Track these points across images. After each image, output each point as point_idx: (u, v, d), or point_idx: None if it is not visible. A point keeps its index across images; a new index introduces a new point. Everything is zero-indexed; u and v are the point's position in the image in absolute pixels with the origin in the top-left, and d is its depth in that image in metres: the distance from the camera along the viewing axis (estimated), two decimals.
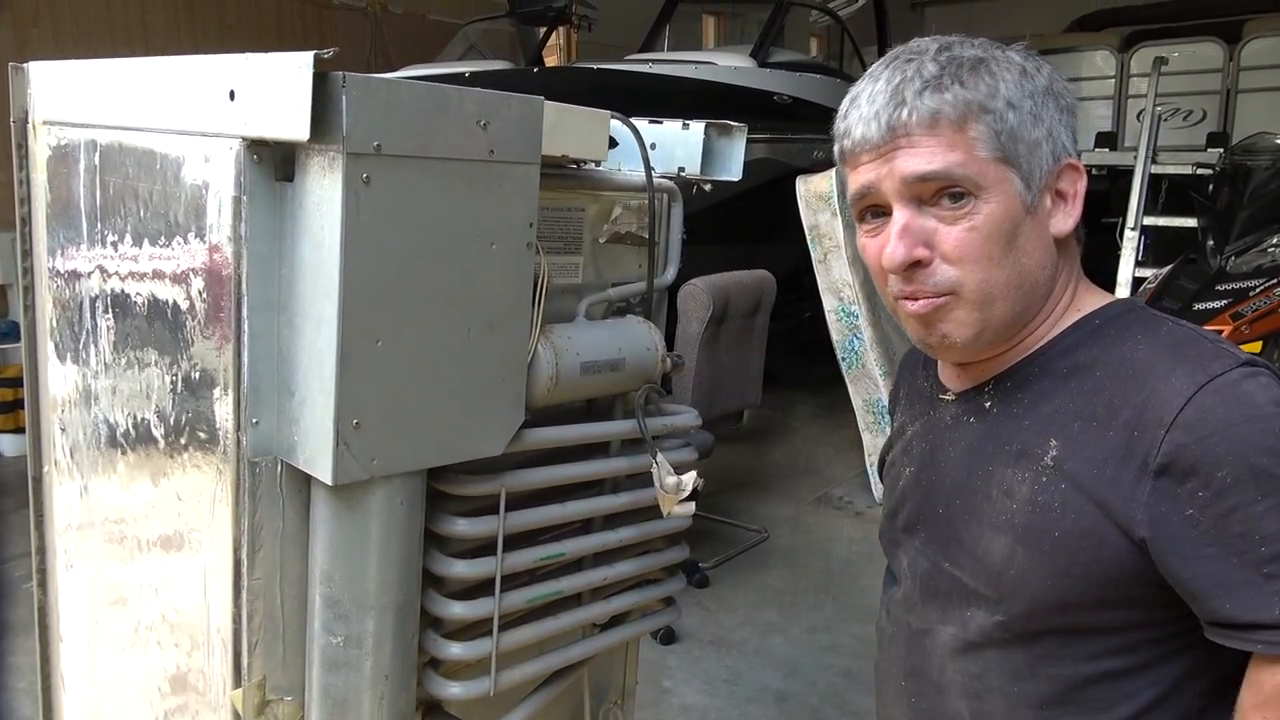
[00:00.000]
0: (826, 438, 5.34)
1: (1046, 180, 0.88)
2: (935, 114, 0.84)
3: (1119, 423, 0.83)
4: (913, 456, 1.04)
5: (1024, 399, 0.92)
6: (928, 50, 0.87)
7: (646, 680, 2.74)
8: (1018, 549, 0.88)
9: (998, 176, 0.85)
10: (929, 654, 0.98)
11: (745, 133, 1.18)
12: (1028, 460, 0.89)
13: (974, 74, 0.85)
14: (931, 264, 0.87)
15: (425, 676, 1.02)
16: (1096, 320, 0.91)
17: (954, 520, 0.95)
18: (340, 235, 0.79)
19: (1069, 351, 0.91)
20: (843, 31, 6.79)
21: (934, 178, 0.85)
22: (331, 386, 0.82)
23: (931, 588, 0.98)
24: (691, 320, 3.39)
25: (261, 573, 0.90)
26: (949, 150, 0.84)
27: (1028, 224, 0.87)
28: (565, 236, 1.10)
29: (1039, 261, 0.89)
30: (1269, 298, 3.77)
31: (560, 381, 1.01)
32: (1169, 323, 0.89)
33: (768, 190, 4.43)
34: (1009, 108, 0.85)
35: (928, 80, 0.85)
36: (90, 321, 1.09)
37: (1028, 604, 0.88)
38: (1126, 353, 0.87)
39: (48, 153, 1.14)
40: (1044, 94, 0.87)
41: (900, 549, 1.05)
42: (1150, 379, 0.83)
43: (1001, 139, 0.85)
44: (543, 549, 1.07)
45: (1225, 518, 0.78)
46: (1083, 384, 0.88)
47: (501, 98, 0.87)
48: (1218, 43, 6.35)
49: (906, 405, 1.11)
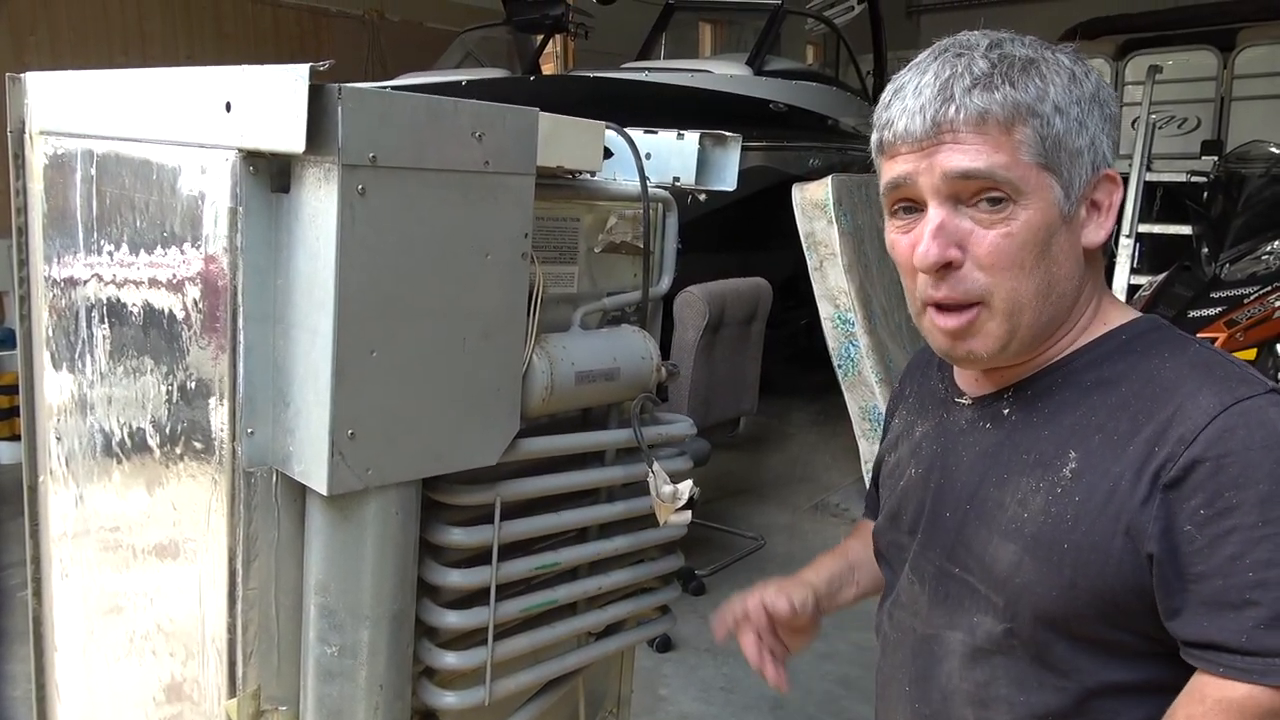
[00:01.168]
0: (823, 445, 5.34)
1: (1084, 190, 0.86)
2: (984, 113, 0.82)
3: (1141, 438, 0.82)
4: (921, 458, 1.03)
5: (1045, 409, 0.91)
6: (978, 45, 0.85)
7: (642, 688, 2.74)
8: (1025, 558, 0.87)
9: (1039, 183, 0.84)
10: (936, 660, 0.96)
11: (740, 142, 1.19)
12: (1044, 470, 0.88)
13: (1025, 74, 0.83)
14: (963, 267, 0.86)
15: (420, 686, 1.02)
16: (1124, 335, 0.90)
17: (964, 525, 0.94)
18: (335, 246, 0.80)
19: (1094, 365, 0.90)
20: (838, 40, 6.81)
21: (977, 176, 0.83)
22: (327, 397, 0.82)
23: (941, 593, 0.96)
24: (688, 328, 3.40)
25: (256, 582, 0.90)
26: (994, 151, 0.83)
27: (1062, 234, 0.86)
28: (560, 246, 1.10)
29: (1068, 272, 0.87)
30: (1263, 305, 3.79)
31: (555, 391, 1.01)
32: (1196, 344, 0.89)
33: (764, 198, 4.44)
34: (1056, 113, 0.84)
35: (978, 77, 0.83)
36: (86, 330, 1.09)
37: (1033, 613, 0.87)
38: (1153, 370, 0.86)
39: (44, 162, 1.14)
40: (1090, 101, 0.86)
41: (903, 551, 1.03)
42: (1176, 396, 0.82)
43: (1046, 145, 0.83)
44: (538, 558, 1.07)
45: (1221, 538, 0.78)
46: (1106, 398, 0.87)
47: (497, 109, 0.88)
48: (1212, 51, 6.37)
49: (916, 405, 1.09)
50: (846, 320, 4.19)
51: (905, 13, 11.72)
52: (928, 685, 0.97)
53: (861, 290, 4.03)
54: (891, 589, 1.07)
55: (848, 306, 4.16)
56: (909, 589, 1.02)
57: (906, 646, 1.01)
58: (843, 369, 4.26)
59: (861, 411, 4.28)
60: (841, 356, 4.24)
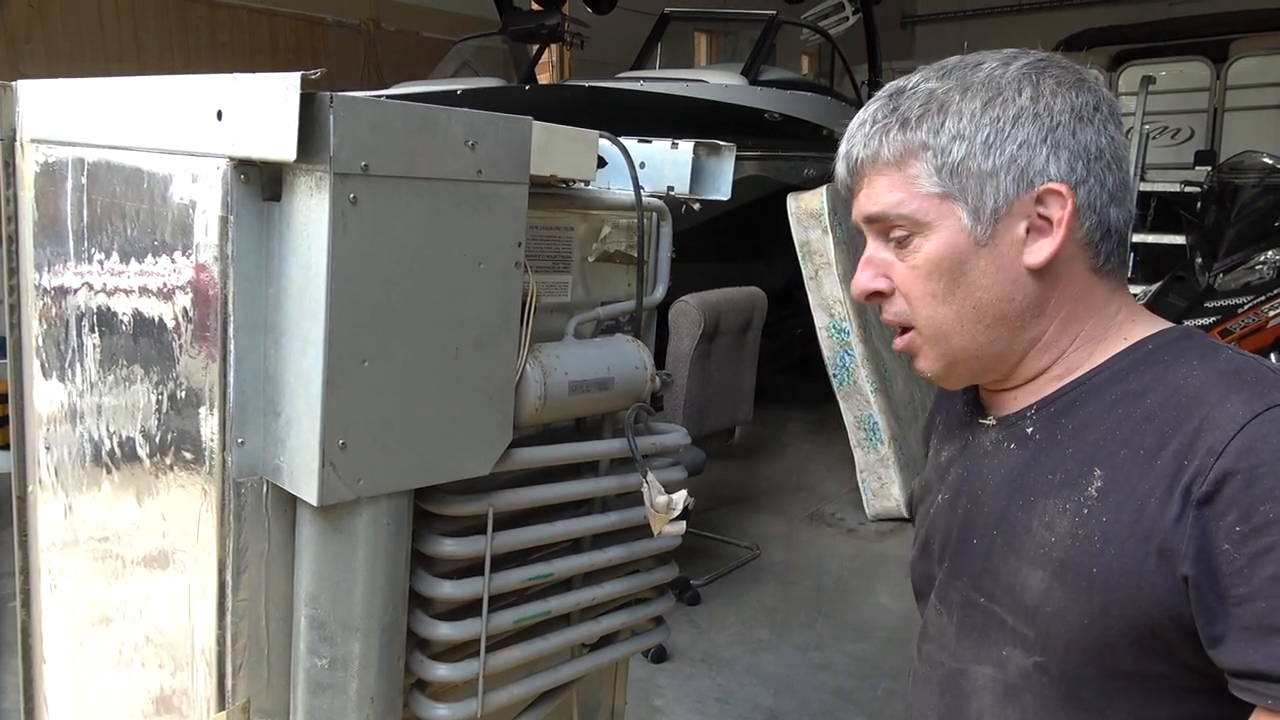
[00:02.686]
0: (818, 454, 5.33)
1: (1010, 209, 0.84)
2: (875, 155, 0.87)
3: (1168, 452, 0.78)
4: (948, 484, 0.99)
5: (1069, 425, 0.87)
6: (891, 89, 0.90)
7: (637, 699, 2.73)
8: (1054, 585, 0.83)
9: (940, 212, 0.85)
10: (965, 697, 0.92)
11: (734, 152, 1.19)
12: (1070, 490, 0.84)
13: (925, 109, 0.85)
14: (892, 294, 0.91)
15: (412, 698, 1.01)
16: (1150, 345, 0.86)
17: (990, 552, 0.90)
18: (327, 255, 0.79)
19: (1119, 377, 0.86)
20: (833, 50, 6.84)
21: (877, 219, 0.89)
22: (318, 407, 0.81)
23: (968, 624, 0.92)
24: (683, 337, 3.40)
25: (246, 594, 0.90)
26: (888, 191, 0.87)
27: (979, 257, 0.85)
28: (554, 255, 1.10)
29: (1001, 294, 0.85)
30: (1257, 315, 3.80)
31: (548, 401, 1.01)
32: (1228, 350, 0.84)
33: (759, 207, 4.44)
34: (955, 140, 0.83)
35: (878, 122, 0.88)
36: (76, 339, 1.09)
37: (1064, 644, 0.83)
38: (1180, 380, 0.82)
39: (35, 170, 1.14)
40: (1016, 119, 0.83)
41: (933, 582, 0.99)
42: (1203, 405, 0.78)
43: (943, 174, 0.84)
44: (531, 569, 1.06)
45: (1260, 557, 0.72)
46: (1131, 411, 0.83)
47: (489, 118, 0.87)
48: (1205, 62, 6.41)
49: (944, 431, 1.06)
50: (841, 329, 4.19)
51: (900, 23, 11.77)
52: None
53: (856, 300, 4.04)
54: (924, 623, 1.02)
55: (843, 316, 4.16)
56: (936, 620, 0.98)
57: (935, 682, 0.97)
58: (838, 378, 4.26)
59: (857, 421, 4.28)
60: (837, 366, 4.24)
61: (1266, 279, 4.04)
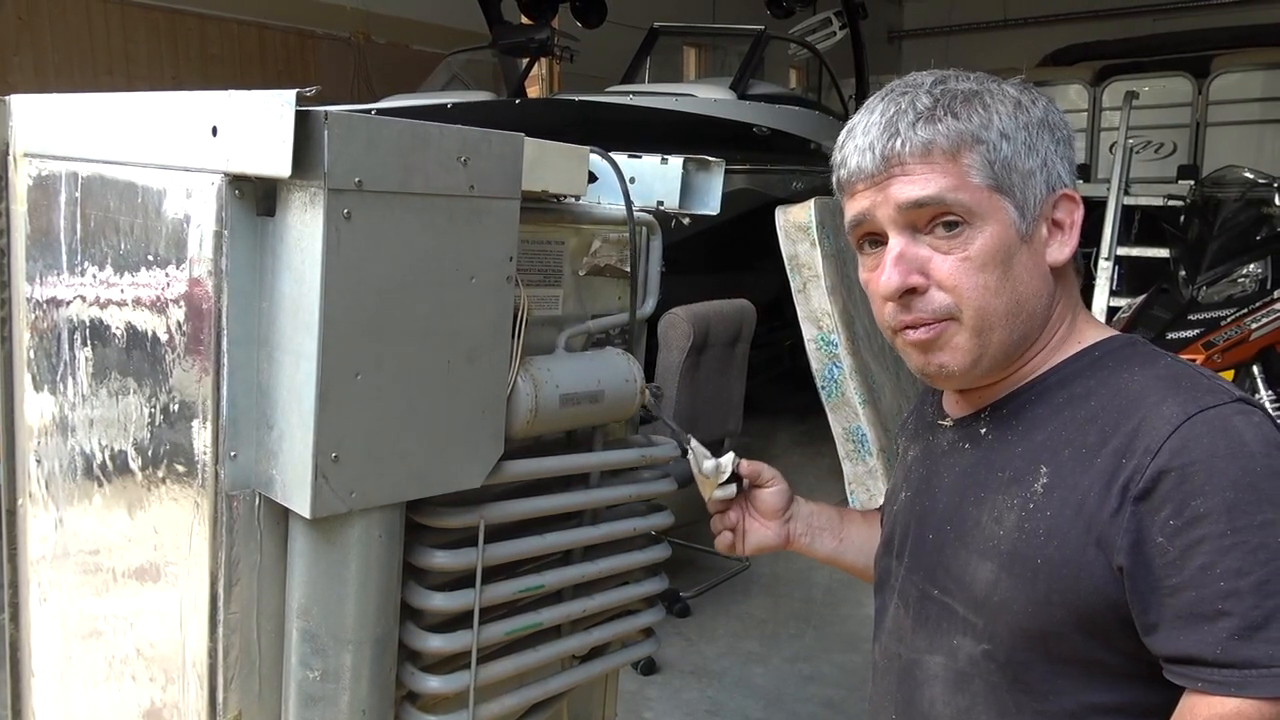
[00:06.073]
0: (807, 465, 5.35)
1: (1042, 210, 0.89)
2: (928, 144, 0.86)
3: (1108, 450, 0.83)
4: (910, 482, 1.04)
5: (1019, 426, 0.92)
6: (923, 84, 0.89)
7: (627, 711, 2.73)
8: (1002, 576, 0.88)
9: (992, 205, 0.87)
10: (919, 685, 0.97)
11: (723, 167, 1.20)
12: (1018, 487, 0.89)
13: (967, 106, 0.87)
14: (927, 291, 0.88)
15: (403, 710, 1.01)
16: (1097, 352, 0.92)
17: (943, 546, 0.95)
18: (321, 270, 0.80)
19: (1067, 381, 0.91)
20: (821, 64, 6.89)
21: (928, 203, 0.86)
22: (310, 420, 0.82)
23: (923, 616, 0.97)
24: (672, 349, 3.41)
25: (238, 606, 0.90)
26: (942, 177, 0.86)
27: (1023, 252, 0.88)
28: (545, 269, 1.11)
29: (1035, 290, 0.89)
30: (1240, 327, 3.84)
31: (540, 413, 1.01)
32: (1168, 358, 0.89)
33: (748, 220, 4.47)
34: (1002, 138, 0.86)
35: (921, 112, 0.87)
36: (68, 352, 1.09)
37: (1010, 632, 0.87)
38: (1122, 383, 0.87)
39: (28, 184, 1.14)
40: (1039, 126, 0.88)
41: (893, 577, 1.04)
42: (1142, 408, 0.83)
43: (995, 168, 0.86)
44: (522, 581, 1.06)
45: (1191, 549, 0.78)
46: (1076, 412, 0.88)
47: (482, 134, 0.88)
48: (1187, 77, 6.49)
49: (912, 431, 1.11)
50: (830, 342, 4.21)
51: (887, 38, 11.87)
52: (911, 712, 0.97)
53: (845, 312, 4.06)
54: (883, 617, 1.07)
55: (831, 328, 4.18)
56: (895, 614, 1.02)
57: (893, 673, 1.01)
58: (826, 390, 4.28)
59: (845, 433, 4.29)
60: (825, 378, 4.26)
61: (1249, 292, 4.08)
